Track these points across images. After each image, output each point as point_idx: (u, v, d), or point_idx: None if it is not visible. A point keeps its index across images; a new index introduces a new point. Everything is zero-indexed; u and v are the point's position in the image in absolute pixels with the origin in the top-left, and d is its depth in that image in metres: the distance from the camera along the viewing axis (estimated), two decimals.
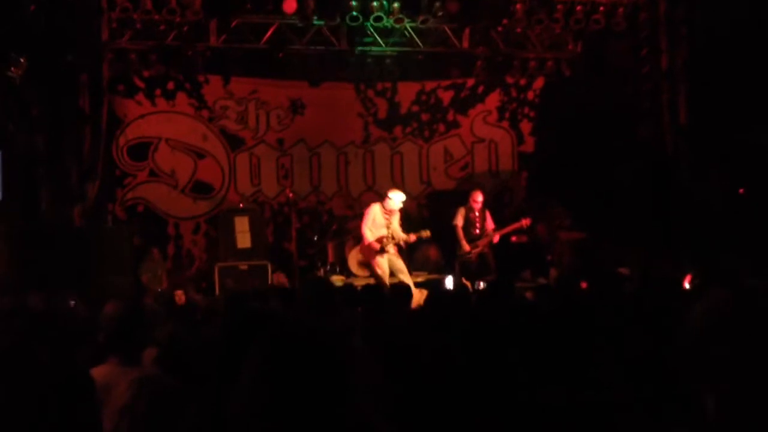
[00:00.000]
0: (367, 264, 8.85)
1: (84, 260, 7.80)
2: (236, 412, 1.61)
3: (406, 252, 9.00)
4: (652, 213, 9.33)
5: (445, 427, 2.50)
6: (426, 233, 8.53)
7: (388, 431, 2.13)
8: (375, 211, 8.53)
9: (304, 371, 1.51)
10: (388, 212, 8.45)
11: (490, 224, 9.12)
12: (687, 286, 5.90)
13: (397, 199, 8.42)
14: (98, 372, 2.83)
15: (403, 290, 5.35)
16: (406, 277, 8.36)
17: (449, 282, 8.46)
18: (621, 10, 9.85)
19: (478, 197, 9.05)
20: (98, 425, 1.79)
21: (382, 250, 8.39)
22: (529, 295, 5.45)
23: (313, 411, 1.48)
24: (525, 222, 9.09)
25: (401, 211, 8.58)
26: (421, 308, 5.09)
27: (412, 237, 8.50)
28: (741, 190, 9.06)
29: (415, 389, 2.53)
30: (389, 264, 8.44)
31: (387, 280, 8.33)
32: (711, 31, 9.10)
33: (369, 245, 8.45)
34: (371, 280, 8.39)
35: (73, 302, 5.53)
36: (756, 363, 2.39)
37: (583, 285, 5.61)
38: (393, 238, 8.43)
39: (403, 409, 2.43)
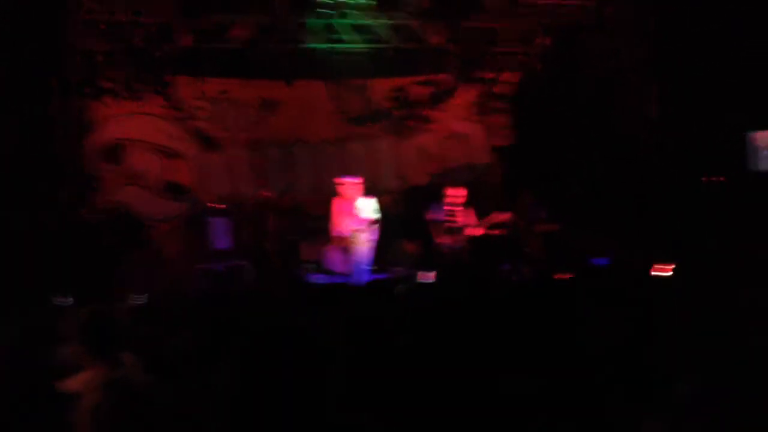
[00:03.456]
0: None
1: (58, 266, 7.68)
2: (212, 409, 1.61)
3: (384, 245, 9.01)
4: (625, 204, 9.43)
5: (425, 418, 2.51)
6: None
7: (365, 423, 2.14)
8: (335, 205, 8.71)
9: (278, 367, 1.53)
10: (348, 200, 8.49)
11: (466, 219, 9.16)
12: (662, 274, 5.98)
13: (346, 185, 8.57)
14: (80, 378, 2.80)
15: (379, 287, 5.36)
16: None
17: (419, 276, 8.52)
18: (590, 3, 9.94)
19: (453, 192, 9.09)
20: None
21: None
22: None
23: (286, 405, 1.50)
24: (502, 216, 9.15)
25: (365, 193, 8.67)
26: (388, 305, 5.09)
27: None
28: (704, 179, 9.21)
29: (388, 384, 2.53)
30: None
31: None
32: (679, 24, 9.22)
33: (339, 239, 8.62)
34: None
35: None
36: (728, 349, 2.43)
37: (557, 276, 5.65)
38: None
39: (377, 403, 2.44)
